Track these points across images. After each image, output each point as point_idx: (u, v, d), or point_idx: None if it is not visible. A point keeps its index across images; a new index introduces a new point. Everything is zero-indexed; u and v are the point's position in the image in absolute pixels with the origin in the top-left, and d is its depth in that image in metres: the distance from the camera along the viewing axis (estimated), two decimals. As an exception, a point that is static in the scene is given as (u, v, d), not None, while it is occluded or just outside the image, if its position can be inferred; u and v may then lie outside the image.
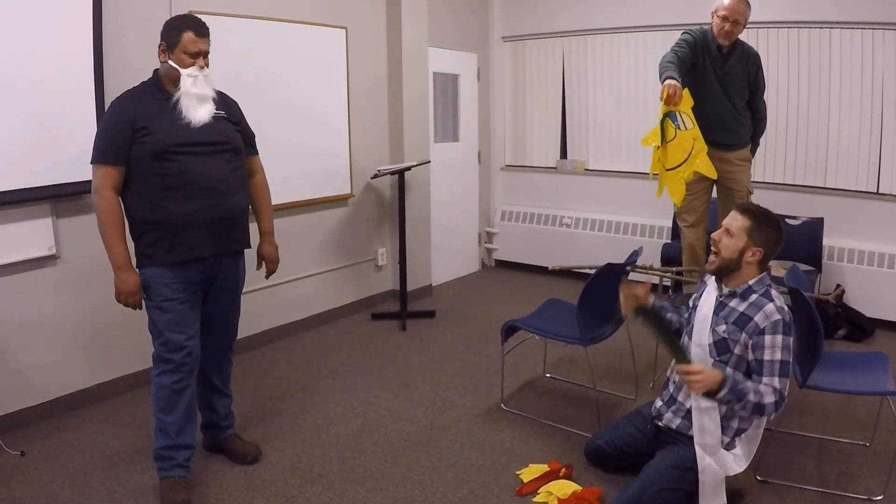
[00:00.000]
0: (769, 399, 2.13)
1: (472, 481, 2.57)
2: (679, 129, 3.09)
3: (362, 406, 3.23)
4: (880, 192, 4.31)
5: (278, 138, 3.92)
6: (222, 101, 2.50)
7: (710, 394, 2.16)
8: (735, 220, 2.27)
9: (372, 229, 4.77)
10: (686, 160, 3.11)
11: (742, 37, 3.39)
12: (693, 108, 3.16)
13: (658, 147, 3.16)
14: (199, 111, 2.36)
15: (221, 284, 2.55)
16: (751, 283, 2.26)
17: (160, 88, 2.37)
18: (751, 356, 2.20)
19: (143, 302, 2.40)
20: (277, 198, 3.92)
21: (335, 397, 3.33)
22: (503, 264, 5.98)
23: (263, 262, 2.77)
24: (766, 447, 2.67)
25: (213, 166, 2.39)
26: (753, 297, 2.24)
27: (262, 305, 3.99)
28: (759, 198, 3.78)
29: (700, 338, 2.32)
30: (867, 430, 2.85)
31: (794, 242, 4.38)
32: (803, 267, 4.08)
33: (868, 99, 4.26)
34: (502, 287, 5.40)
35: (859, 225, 4.34)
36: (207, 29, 2.38)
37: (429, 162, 4.75)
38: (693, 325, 2.38)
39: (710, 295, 2.36)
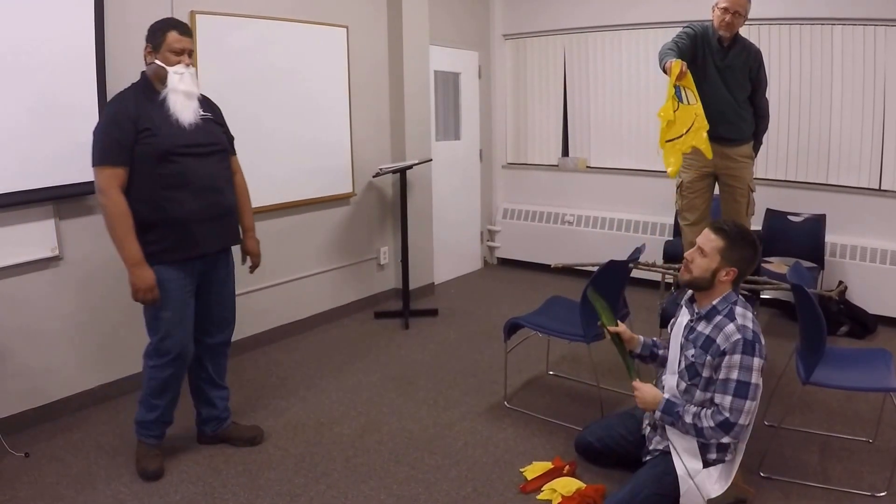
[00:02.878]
0: (708, 422, 2.12)
1: (476, 479, 2.57)
2: (682, 103, 3.10)
3: (365, 405, 3.23)
4: (882, 188, 4.31)
5: (280, 138, 3.93)
6: (207, 104, 2.58)
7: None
8: (709, 240, 2.24)
9: (374, 228, 4.77)
10: (685, 133, 3.10)
11: (744, 32, 3.38)
12: None
13: (670, 121, 3.14)
14: (186, 108, 2.43)
15: (216, 278, 2.63)
16: (714, 303, 2.23)
17: (151, 89, 2.44)
18: (716, 376, 2.18)
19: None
20: (279, 197, 3.98)
21: (338, 396, 3.33)
22: (505, 262, 5.98)
23: (248, 257, 2.84)
24: (769, 444, 2.68)
25: (209, 166, 2.50)
26: (717, 318, 2.20)
27: (265, 304, 4.00)
28: (762, 195, 3.78)
29: (673, 365, 2.33)
30: (870, 426, 2.85)
31: (797, 239, 4.39)
32: (806, 264, 4.08)
33: (870, 95, 4.26)
34: (505, 285, 5.40)
35: (861, 221, 4.34)
36: (190, 29, 2.49)
37: (430, 160, 4.75)
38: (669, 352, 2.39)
39: (682, 320, 2.36)
